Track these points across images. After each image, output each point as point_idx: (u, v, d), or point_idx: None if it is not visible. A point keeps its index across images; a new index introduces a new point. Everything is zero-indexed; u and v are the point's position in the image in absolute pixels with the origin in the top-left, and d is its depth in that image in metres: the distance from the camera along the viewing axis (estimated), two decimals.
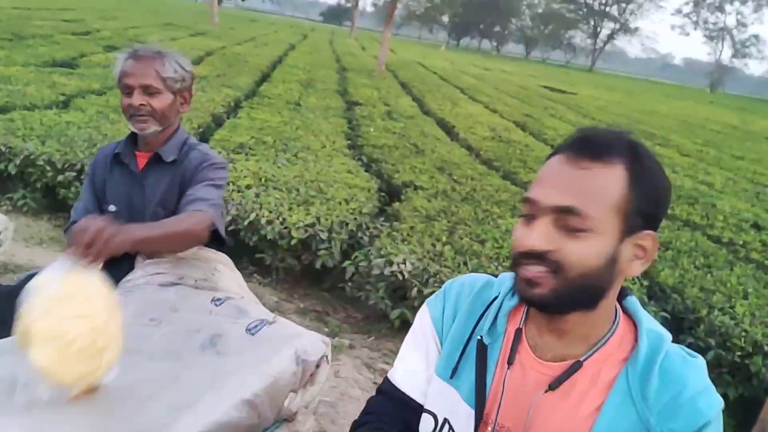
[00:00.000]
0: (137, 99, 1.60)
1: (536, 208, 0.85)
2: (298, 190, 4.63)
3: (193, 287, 1.27)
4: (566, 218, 0.81)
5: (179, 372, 1.00)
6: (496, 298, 1.00)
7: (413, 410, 1.01)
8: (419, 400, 1.01)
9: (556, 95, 21.42)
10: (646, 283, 4.08)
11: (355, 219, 4.29)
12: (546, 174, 0.86)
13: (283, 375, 1.06)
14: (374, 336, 3.77)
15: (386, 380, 1.06)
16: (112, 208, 1.68)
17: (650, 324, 0.91)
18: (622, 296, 0.94)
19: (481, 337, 0.95)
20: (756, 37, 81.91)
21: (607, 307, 0.89)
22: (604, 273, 0.83)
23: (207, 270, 1.24)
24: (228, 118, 7.40)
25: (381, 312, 3.72)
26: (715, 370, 3.44)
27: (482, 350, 0.94)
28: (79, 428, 0.83)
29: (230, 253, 1.69)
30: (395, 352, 3.66)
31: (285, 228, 3.95)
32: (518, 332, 0.94)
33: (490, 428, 0.93)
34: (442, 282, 3.45)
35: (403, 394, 1.02)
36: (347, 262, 3.76)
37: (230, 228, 4.06)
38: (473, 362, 0.95)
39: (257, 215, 4.04)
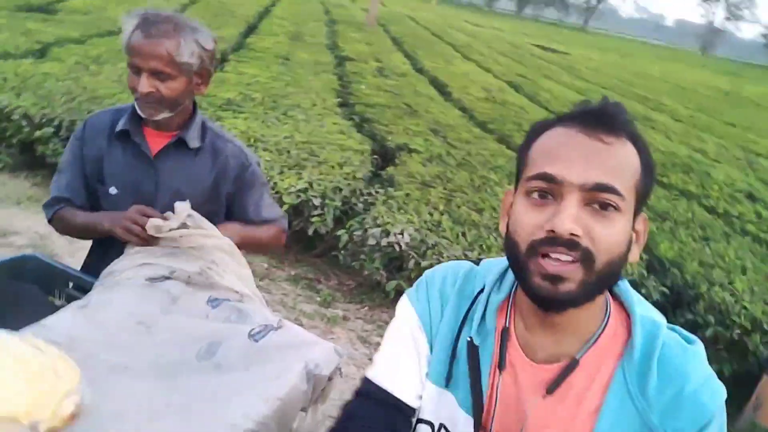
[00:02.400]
0: (145, 85, 1.35)
1: (559, 187, 0.73)
2: (289, 152, 4.44)
3: (186, 283, 1.12)
4: (599, 198, 0.72)
5: (172, 395, 0.86)
6: (481, 290, 0.89)
7: (405, 416, 0.88)
8: (413, 404, 0.88)
9: (549, 55, 21.06)
10: (645, 256, 4.00)
11: (349, 184, 4.13)
12: (563, 148, 0.75)
13: (292, 395, 0.92)
14: (368, 306, 3.67)
15: (367, 381, 0.90)
16: (113, 190, 1.46)
17: (643, 310, 0.82)
18: None
19: (471, 338, 0.85)
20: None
21: (602, 297, 0.81)
22: (624, 259, 0.76)
23: (203, 263, 1.09)
24: (214, 72, 7.08)
25: (375, 281, 3.60)
26: (712, 346, 3.40)
27: (474, 352, 0.84)
28: None
29: None
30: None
31: (276, 193, 3.78)
32: (505, 331, 0.84)
33: None
34: (441, 254, 3.34)
35: (395, 398, 0.88)
36: (341, 231, 3.62)
37: None
38: (466, 365, 0.85)
39: None
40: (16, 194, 4.05)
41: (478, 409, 0.84)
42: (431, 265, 3.62)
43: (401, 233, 3.35)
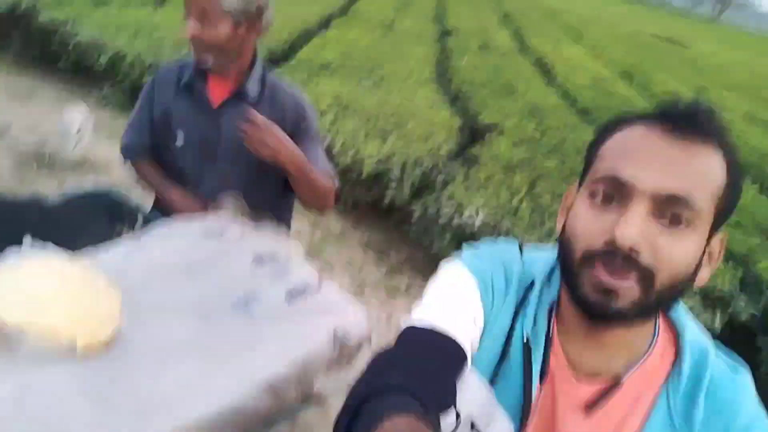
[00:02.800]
0: (191, 27, 1.37)
1: (627, 192, 0.65)
2: (377, 119, 4.45)
3: (237, 240, 1.16)
4: (669, 209, 0.64)
5: (203, 337, 0.90)
6: (532, 283, 0.80)
7: (458, 360, 0.72)
8: (466, 349, 0.74)
9: (670, 46, 19.61)
10: (739, 273, 3.70)
11: (431, 158, 4.09)
12: (638, 149, 0.67)
13: (316, 358, 0.94)
14: None
15: (409, 329, 0.74)
16: (179, 142, 1.52)
17: (693, 333, 0.75)
18: None
19: (529, 338, 0.76)
20: None
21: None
22: (690, 280, 0.68)
23: (258, 231, 1.13)
24: (317, 34, 7.19)
25: (444, 258, 3.58)
26: None
27: (529, 355, 0.76)
28: (73, 395, 0.75)
29: None
30: None
31: (358, 159, 3.82)
32: (548, 337, 0.76)
33: None
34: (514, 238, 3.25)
35: (446, 336, 0.72)
36: (416, 205, 3.60)
37: None
38: (516, 366, 0.77)
39: (332, 142, 3.92)
40: (121, 130, 4.34)
41: (526, 416, 0.76)
42: None
43: (476, 213, 3.29)
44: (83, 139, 3.70)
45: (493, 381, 0.78)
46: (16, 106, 4.39)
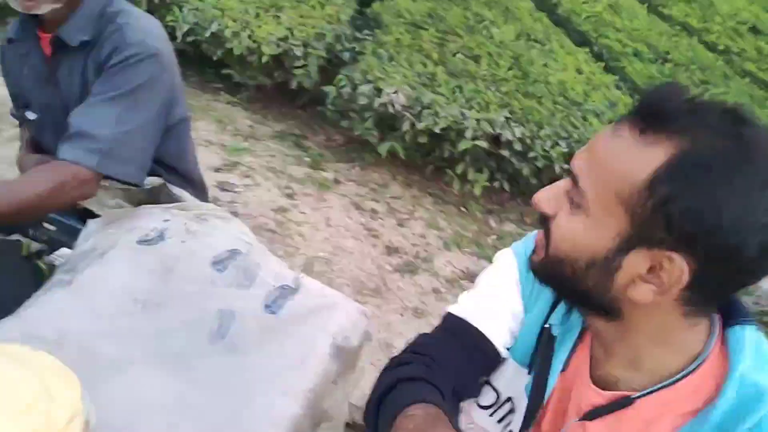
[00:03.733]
0: None
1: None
2: None
3: (181, 242, 0.95)
4: (572, 187, 0.66)
5: (187, 392, 0.75)
6: None
7: (489, 359, 0.80)
8: (500, 349, 0.79)
9: None
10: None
11: (334, 29, 3.74)
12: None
13: (322, 382, 0.82)
14: (359, 166, 3.54)
15: (450, 316, 0.82)
16: (31, 115, 1.25)
17: (751, 371, 0.63)
18: (730, 322, 0.67)
19: (550, 325, 0.76)
20: None
21: (655, 331, 0.65)
22: (587, 272, 0.64)
23: (197, 215, 0.93)
24: None
25: (365, 140, 3.43)
26: None
27: (549, 342, 0.76)
28: None
29: (194, 69, 1.32)
30: (382, 186, 3.45)
31: (254, 42, 3.42)
32: (583, 330, 0.75)
33: None
34: (437, 114, 3.12)
35: (481, 334, 0.78)
36: (329, 88, 3.34)
37: (190, 39, 3.51)
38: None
39: (220, 25, 3.46)
40: None
41: (533, 404, 0.75)
42: (427, 128, 3.38)
43: (395, 92, 3.10)
44: None
45: (530, 368, 0.79)
46: None
